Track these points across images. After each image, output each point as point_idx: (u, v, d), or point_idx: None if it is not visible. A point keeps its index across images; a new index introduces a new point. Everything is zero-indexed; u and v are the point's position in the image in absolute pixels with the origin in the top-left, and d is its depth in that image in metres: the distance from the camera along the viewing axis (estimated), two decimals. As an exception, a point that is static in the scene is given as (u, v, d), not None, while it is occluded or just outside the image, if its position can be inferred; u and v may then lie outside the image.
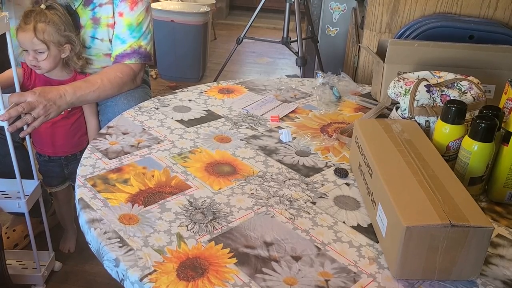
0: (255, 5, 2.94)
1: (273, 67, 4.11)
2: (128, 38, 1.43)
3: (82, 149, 1.51)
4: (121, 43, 1.44)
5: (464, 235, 0.64)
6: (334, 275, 0.68)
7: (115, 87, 1.40)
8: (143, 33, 1.45)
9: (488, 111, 0.86)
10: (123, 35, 1.43)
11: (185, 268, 0.67)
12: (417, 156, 0.79)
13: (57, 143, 1.46)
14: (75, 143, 1.48)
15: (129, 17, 1.42)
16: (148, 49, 1.48)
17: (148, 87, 1.62)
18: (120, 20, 1.43)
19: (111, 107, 1.41)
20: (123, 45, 1.44)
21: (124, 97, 1.42)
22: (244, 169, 0.93)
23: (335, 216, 0.81)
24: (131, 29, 1.43)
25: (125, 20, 1.42)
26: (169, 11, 3.30)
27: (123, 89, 1.43)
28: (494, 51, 1.20)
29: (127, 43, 1.43)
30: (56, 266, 1.58)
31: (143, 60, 1.47)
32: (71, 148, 1.48)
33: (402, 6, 1.47)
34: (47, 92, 1.25)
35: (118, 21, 1.43)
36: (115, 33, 1.44)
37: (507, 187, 0.86)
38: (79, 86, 1.32)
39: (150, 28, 1.48)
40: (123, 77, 1.41)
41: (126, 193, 0.84)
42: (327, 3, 2.76)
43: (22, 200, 1.32)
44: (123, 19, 1.42)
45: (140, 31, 1.44)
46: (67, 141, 1.46)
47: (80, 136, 1.48)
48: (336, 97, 1.30)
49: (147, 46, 1.47)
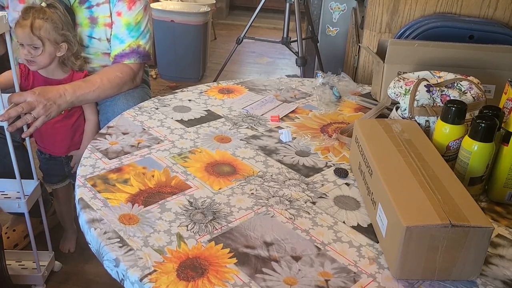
0: (255, 5, 2.94)
1: (273, 67, 4.11)
2: (126, 37, 1.43)
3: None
4: (120, 43, 1.43)
5: (464, 235, 0.64)
6: (334, 275, 0.68)
7: (115, 87, 1.40)
8: (142, 32, 1.45)
9: (488, 111, 0.86)
10: (121, 35, 1.43)
11: (185, 268, 0.67)
12: (417, 156, 0.79)
13: (58, 142, 1.46)
14: (76, 142, 1.48)
15: (127, 17, 1.42)
16: (147, 48, 1.47)
17: (148, 87, 1.62)
18: (118, 19, 1.42)
19: (111, 107, 1.41)
20: (121, 45, 1.43)
21: (123, 97, 1.42)
22: (244, 169, 0.93)
23: (335, 216, 0.81)
24: (130, 28, 1.43)
25: (123, 20, 1.42)
26: (169, 11, 3.30)
27: (122, 88, 1.43)
28: (494, 51, 1.20)
29: (125, 42, 1.43)
30: (55, 266, 1.58)
31: (142, 60, 1.46)
32: (72, 147, 1.48)
33: (402, 6, 1.47)
34: (47, 92, 1.25)
35: (116, 20, 1.43)
36: (114, 33, 1.44)
37: (507, 187, 0.86)
38: (79, 86, 1.32)
39: (149, 27, 1.48)
40: (122, 77, 1.41)
41: (126, 193, 0.84)
42: (327, 3, 2.76)
43: (22, 200, 1.32)
44: (121, 18, 1.42)
45: (138, 30, 1.44)
46: (68, 140, 1.47)
47: (80, 135, 1.48)
48: (336, 97, 1.30)
49: (146, 45, 1.47)
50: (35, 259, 1.45)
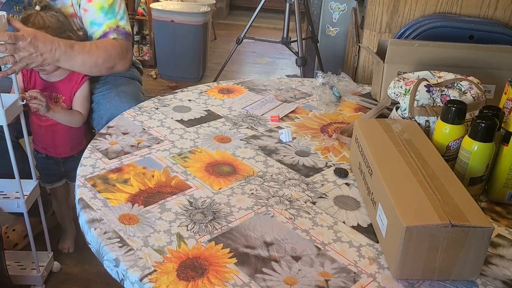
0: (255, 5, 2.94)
1: (273, 67, 4.11)
2: (104, 20, 1.41)
3: (82, 149, 1.52)
4: (99, 27, 1.42)
5: (464, 235, 0.64)
6: (334, 275, 0.68)
7: (102, 53, 1.36)
8: (117, 13, 1.43)
9: (488, 111, 0.86)
10: (98, 19, 1.41)
11: (185, 268, 0.67)
12: (417, 156, 0.79)
13: (57, 143, 1.47)
14: (75, 143, 1.48)
15: (98, 1, 1.40)
16: (127, 29, 1.45)
17: (140, 83, 1.62)
18: (91, 5, 1.40)
19: (104, 104, 1.41)
20: (101, 27, 1.41)
21: (115, 93, 1.41)
22: (244, 169, 0.93)
23: (335, 216, 0.81)
24: (104, 11, 1.41)
25: (95, 4, 1.40)
26: (169, 11, 3.30)
27: (110, 60, 1.39)
28: (494, 51, 1.20)
29: (104, 24, 1.41)
30: (54, 266, 1.58)
31: (125, 37, 1.44)
32: (70, 149, 1.49)
33: (402, 6, 1.47)
34: (40, 41, 1.21)
35: (88, 7, 1.40)
36: (90, 20, 1.41)
37: (507, 187, 0.86)
38: (71, 45, 1.30)
39: (124, 9, 1.46)
40: (111, 46, 1.39)
41: (126, 193, 0.84)
42: (327, 3, 2.76)
43: (21, 200, 1.32)
44: (93, 3, 1.40)
45: (113, 12, 1.42)
46: (67, 141, 1.47)
47: (79, 136, 1.48)
48: (336, 97, 1.30)
49: (126, 26, 1.45)
50: (34, 259, 1.45)
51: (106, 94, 1.44)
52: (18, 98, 1.24)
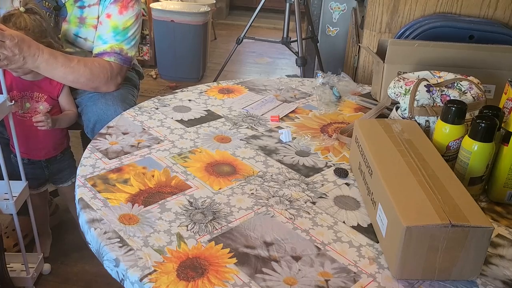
0: (255, 5, 2.94)
1: (273, 67, 4.11)
2: (110, 39, 1.41)
3: (63, 150, 1.51)
4: (102, 43, 1.42)
5: (464, 235, 0.64)
6: (334, 275, 0.68)
7: (88, 73, 1.35)
8: (127, 38, 1.43)
9: (488, 111, 0.86)
10: (106, 36, 1.41)
11: (185, 268, 0.67)
12: (417, 156, 0.79)
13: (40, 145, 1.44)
14: (57, 143, 1.47)
15: (116, 20, 1.40)
16: (129, 54, 1.44)
17: (134, 87, 1.59)
18: (107, 21, 1.41)
19: (90, 107, 1.40)
20: (104, 45, 1.41)
21: (101, 95, 1.40)
22: (244, 169, 0.93)
23: (335, 216, 0.81)
24: (116, 32, 1.41)
25: (111, 22, 1.40)
26: (169, 11, 3.30)
27: (94, 80, 1.38)
28: (494, 51, 1.20)
29: (108, 43, 1.41)
30: (44, 269, 1.55)
31: (122, 62, 1.43)
32: (53, 149, 1.47)
33: (402, 6, 1.47)
34: (25, 44, 1.21)
35: (104, 21, 1.41)
36: (98, 33, 1.42)
37: (507, 187, 0.86)
38: (55, 56, 1.29)
39: (136, 35, 1.46)
40: (99, 68, 1.38)
41: (126, 193, 0.84)
42: (327, 3, 2.76)
43: (10, 201, 1.31)
44: (110, 20, 1.40)
45: (125, 35, 1.42)
46: (50, 141, 1.45)
47: (61, 137, 1.47)
48: (336, 97, 1.30)
49: (129, 51, 1.44)
50: (24, 261, 1.43)
51: (92, 97, 1.42)
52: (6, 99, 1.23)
